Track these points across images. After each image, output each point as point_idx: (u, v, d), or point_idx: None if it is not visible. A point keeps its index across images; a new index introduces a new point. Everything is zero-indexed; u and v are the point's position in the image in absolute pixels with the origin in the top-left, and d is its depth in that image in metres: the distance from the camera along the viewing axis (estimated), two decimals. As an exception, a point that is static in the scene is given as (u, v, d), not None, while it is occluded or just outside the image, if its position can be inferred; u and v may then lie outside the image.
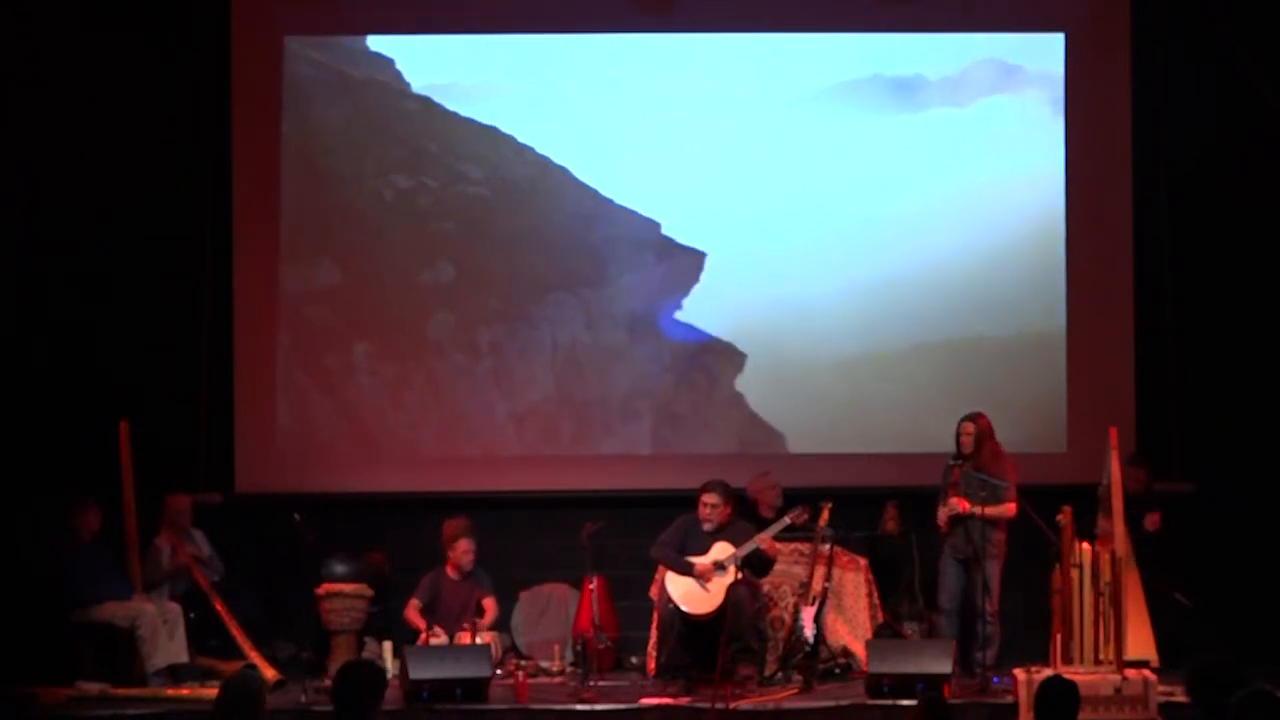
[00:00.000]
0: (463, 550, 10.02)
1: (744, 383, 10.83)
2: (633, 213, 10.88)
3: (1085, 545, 8.64)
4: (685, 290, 10.81)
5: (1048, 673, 7.70)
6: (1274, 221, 10.73)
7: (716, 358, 10.85)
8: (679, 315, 10.86)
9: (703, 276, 10.79)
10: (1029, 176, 10.83)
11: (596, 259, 10.90)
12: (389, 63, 10.94)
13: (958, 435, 9.54)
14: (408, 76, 10.92)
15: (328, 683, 8.53)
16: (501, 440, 10.94)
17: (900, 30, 11.01)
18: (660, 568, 9.62)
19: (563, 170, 10.90)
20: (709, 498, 9.42)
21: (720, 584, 9.25)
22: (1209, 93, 10.78)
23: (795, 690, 9.18)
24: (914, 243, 10.80)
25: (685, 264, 10.81)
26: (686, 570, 9.35)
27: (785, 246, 10.79)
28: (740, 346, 10.83)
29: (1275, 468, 10.53)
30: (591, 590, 10.03)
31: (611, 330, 10.89)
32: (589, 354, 10.88)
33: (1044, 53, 10.98)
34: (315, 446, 11.04)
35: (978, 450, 9.45)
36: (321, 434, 11.05)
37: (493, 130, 10.92)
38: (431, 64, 10.95)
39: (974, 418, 9.53)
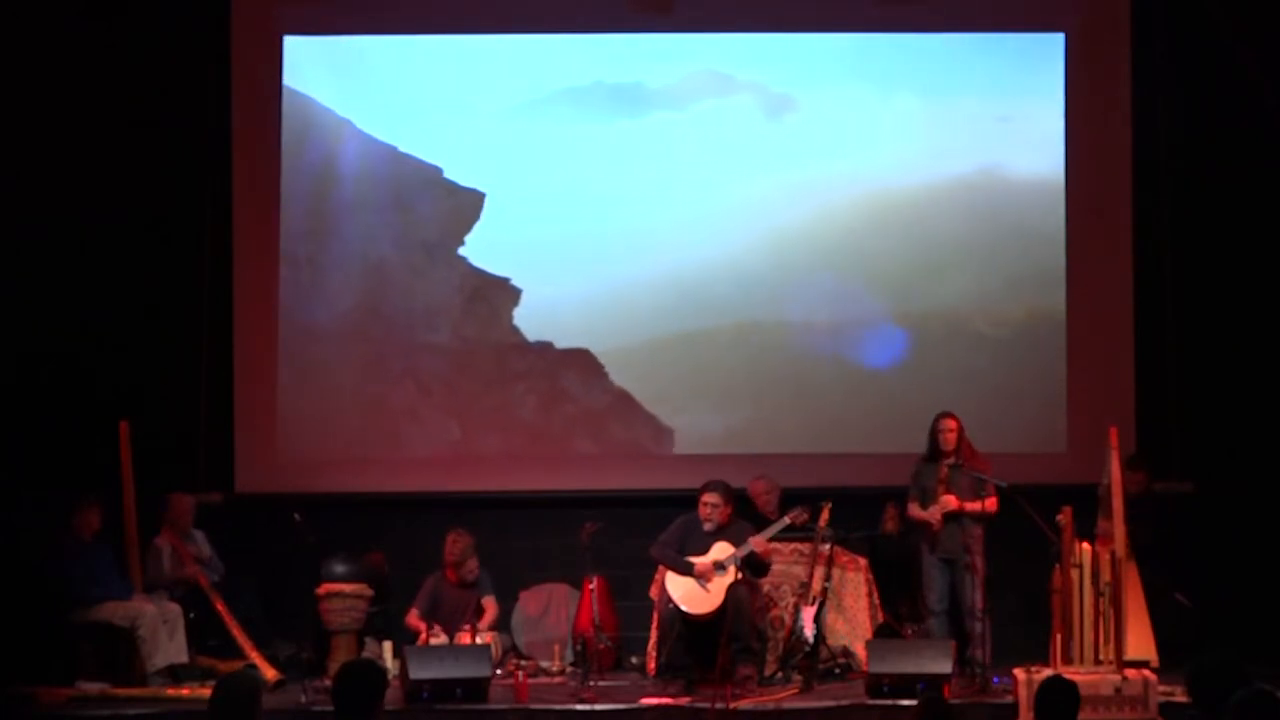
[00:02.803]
0: (468, 570, 10.04)
1: (520, 316, 11.17)
2: (415, 159, 11.20)
3: (1085, 545, 8.63)
4: (469, 226, 11.18)
5: (1048, 673, 7.70)
6: (1274, 222, 10.73)
7: (496, 290, 11.17)
8: (462, 250, 11.18)
9: (483, 215, 11.18)
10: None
11: (391, 190, 11.21)
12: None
13: (937, 432, 9.58)
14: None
15: (328, 683, 8.53)
16: (322, 345, 11.13)
17: (893, 30, 11.05)
18: (660, 568, 9.63)
19: (346, 121, 11.19)
20: (709, 497, 9.43)
21: (720, 584, 9.25)
22: (1209, 93, 10.78)
23: (795, 690, 9.18)
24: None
25: (468, 202, 11.20)
26: (686, 570, 9.35)
27: (557, 195, 11.16)
28: (515, 283, 11.17)
29: (1275, 468, 10.54)
30: (591, 590, 10.03)
31: (413, 253, 11.22)
32: (395, 271, 11.22)
33: (756, 61, 11.11)
34: (315, 446, 11.04)
35: (959, 447, 9.49)
36: (321, 434, 11.05)
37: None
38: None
39: (953, 414, 9.59)
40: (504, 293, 11.17)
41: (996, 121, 11.06)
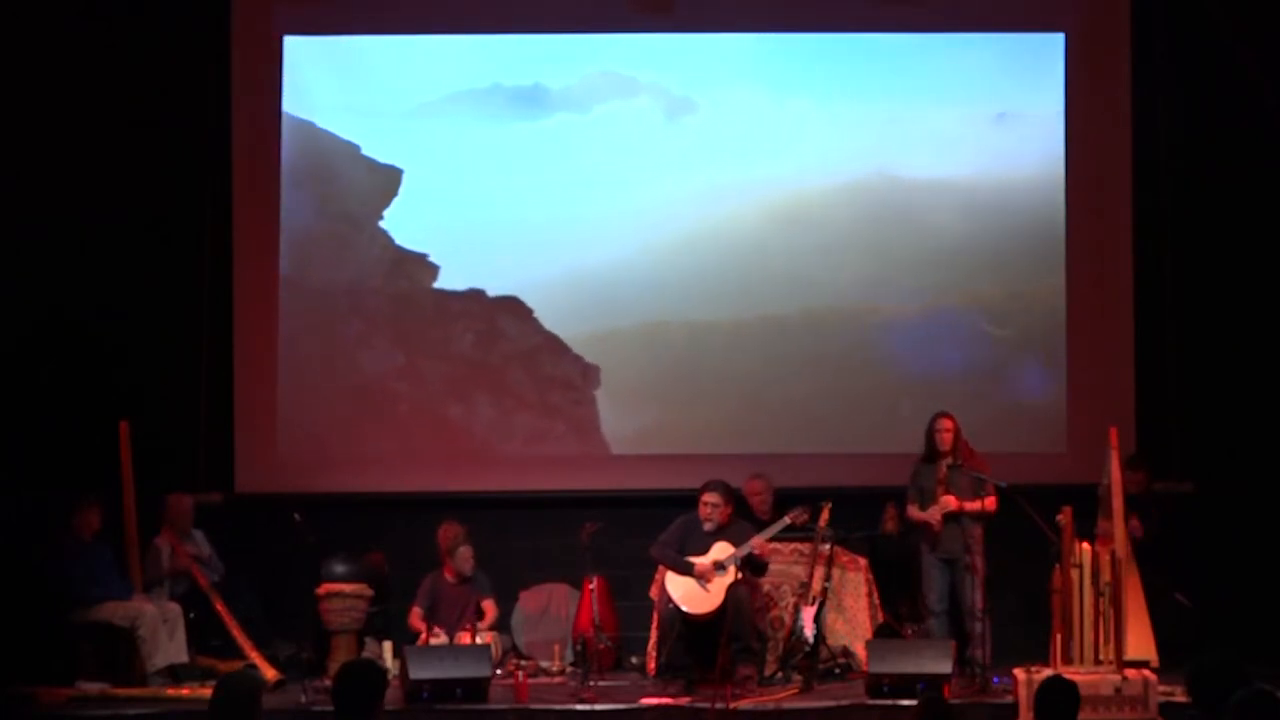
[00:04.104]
0: (463, 558, 10.07)
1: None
2: (331, 134, 11.22)
3: (1085, 545, 8.63)
4: (387, 201, 11.24)
5: (1048, 673, 7.71)
6: (1274, 222, 10.73)
7: (415, 266, 11.23)
8: (382, 224, 11.23)
9: (401, 190, 11.22)
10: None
11: (313, 163, 11.23)
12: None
13: (934, 432, 9.58)
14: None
15: (328, 683, 8.53)
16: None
17: (894, 30, 11.04)
18: (660, 568, 9.63)
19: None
20: (709, 497, 9.43)
21: (720, 584, 9.26)
22: (1209, 93, 10.78)
23: (795, 690, 9.18)
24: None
25: (387, 177, 11.25)
26: (686, 570, 9.35)
27: (467, 194, 11.20)
28: (433, 259, 11.23)
29: (1275, 468, 10.54)
30: (591, 590, 10.03)
31: (338, 223, 11.25)
32: (321, 242, 11.24)
33: (655, 63, 11.11)
34: (315, 446, 11.04)
35: (956, 446, 9.50)
36: (321, 434, 11.05)
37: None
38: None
39: (949, 414, 9.59)
40: (422, 268, 11.23)
41: (995, 122, 11.06)
